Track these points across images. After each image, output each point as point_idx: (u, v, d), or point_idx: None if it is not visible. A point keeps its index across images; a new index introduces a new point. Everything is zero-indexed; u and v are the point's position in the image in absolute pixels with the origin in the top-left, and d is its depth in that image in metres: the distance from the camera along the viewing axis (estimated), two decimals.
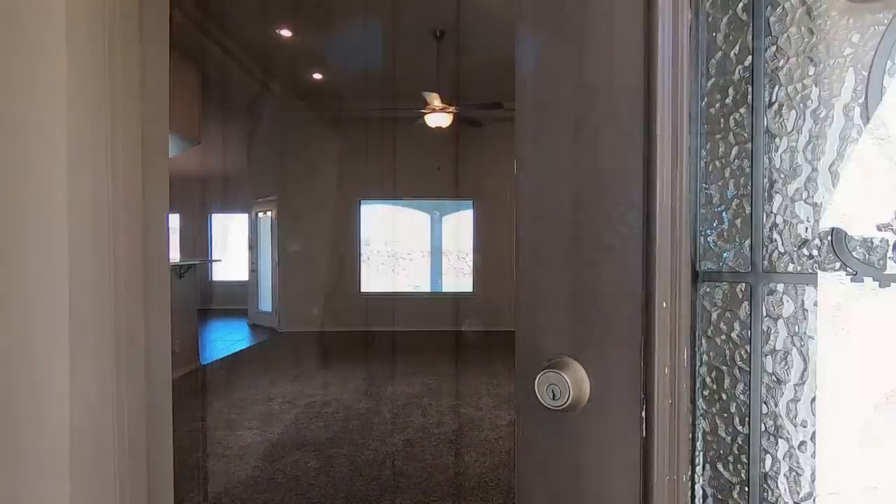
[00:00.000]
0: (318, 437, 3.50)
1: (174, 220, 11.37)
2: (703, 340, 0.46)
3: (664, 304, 0.42)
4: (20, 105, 1.76)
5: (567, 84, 0.45)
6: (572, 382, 0.46)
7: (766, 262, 0.43)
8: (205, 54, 5.30)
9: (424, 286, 8.31)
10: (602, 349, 0.45)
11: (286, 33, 5.16)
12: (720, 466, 0.45)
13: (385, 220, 8.31)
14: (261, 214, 8.56)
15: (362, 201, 8.09)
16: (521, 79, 0.48)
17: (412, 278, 8.31)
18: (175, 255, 11.26)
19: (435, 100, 4.81)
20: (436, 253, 8.37)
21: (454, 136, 7.81)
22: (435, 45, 5.28)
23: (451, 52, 5.52)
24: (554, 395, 0.46)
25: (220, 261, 10.12)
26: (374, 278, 8.22)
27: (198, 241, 11.30)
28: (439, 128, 5.13)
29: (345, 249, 8.01)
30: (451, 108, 4.90)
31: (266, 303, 8.40)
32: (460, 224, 8.33)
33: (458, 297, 8.17)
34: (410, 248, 8.38)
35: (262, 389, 4.68)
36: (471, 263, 8.14)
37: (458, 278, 8.36)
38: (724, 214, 0.45)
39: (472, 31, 5.09)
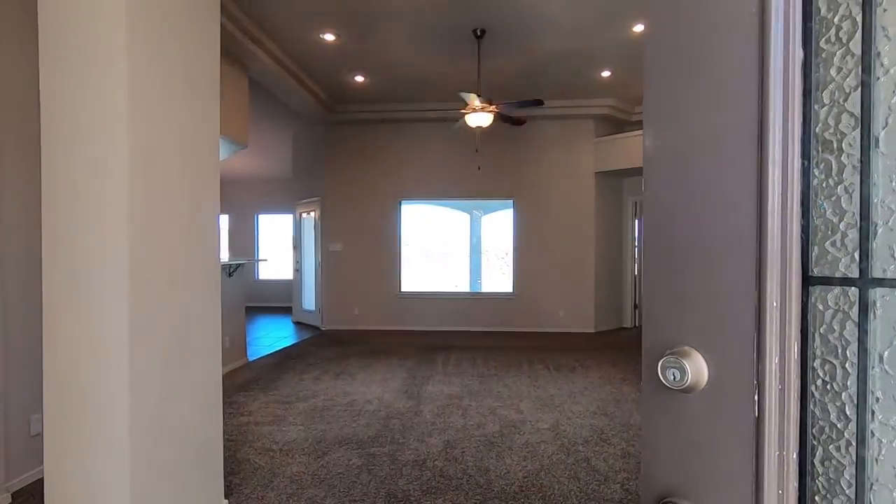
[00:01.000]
0: (360, 434, 3.55)
1: (224, 221, 11.82)
2: (817, 337, 0.51)
3: (774, 304, 0.50)
4: (86, 116, 1.89)
5: (693, 114, 0.56)
6: (691, 367, 0.55)
7: (875, 270, 0.48)
8: (252, 60, 5.47)
9: (464, 286, 8.30)
10: (719, 340, 0.54)
11: (329, 37, 5.26)
12: (832, 448, 0.51)
13: (425, 220, 8.35)
14: (304, 214, 8.77)
15: (402, 201, 8.16)
16: (650, 98, 0.61)
17: (452, 278, 8.32)
18: (224, 255, 11.71)
19: (475, 100, 4.78)
20: (475, 253, 8.35)
21: (495, 135, 7.77)
22: (475, 44, 5.26)
23: (491, 51, 5.49)
24: (675, 378, 0.56)
25: (266, 260, 10.45)
26: (414, 278, 8.27)
27: (245, 241, 11.70)
28: (479, 127, 5.10)
29: (385, 249, 8.11)
30: (492, 107, 4.86)
31: (310, 301, 8.61)
32: (500, 224, 8.27)
33: (498, 298, 8.11)
34: (450, 248, 8.38)
35: (306, 386, 4.79)
36: (511, 263, 8.07)
37: (498, 279, 8.31)
38: (837, 226, 0.50)
39: (512, 29, 5.05)
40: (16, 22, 2.79)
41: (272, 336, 7.69)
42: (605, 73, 6.30)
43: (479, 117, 4.81)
